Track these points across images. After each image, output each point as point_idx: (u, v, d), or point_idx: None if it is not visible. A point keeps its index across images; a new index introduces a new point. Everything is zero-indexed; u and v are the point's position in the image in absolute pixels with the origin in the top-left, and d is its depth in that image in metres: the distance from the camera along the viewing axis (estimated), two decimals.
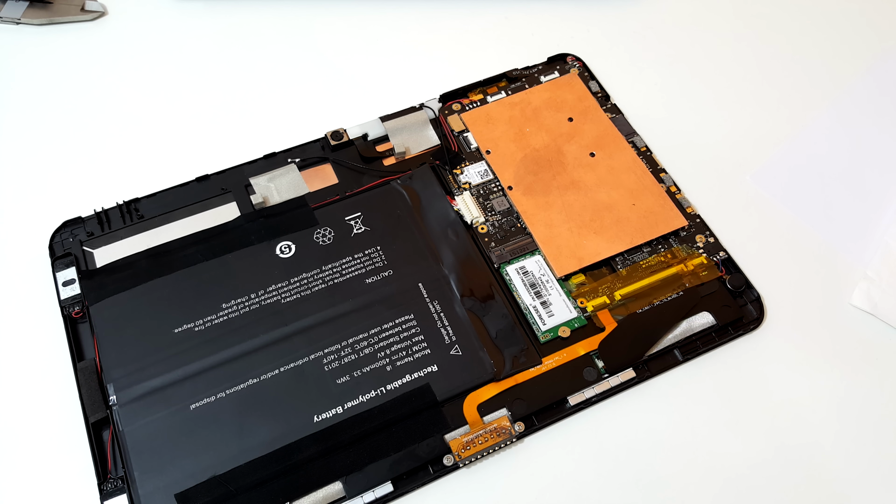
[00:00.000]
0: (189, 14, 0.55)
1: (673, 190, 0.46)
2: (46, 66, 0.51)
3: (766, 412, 0.39)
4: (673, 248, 0.43)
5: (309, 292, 0.40)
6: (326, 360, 0.38)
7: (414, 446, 0.36)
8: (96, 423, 0.37)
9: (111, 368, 0.38)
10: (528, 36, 0.54)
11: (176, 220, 0.44)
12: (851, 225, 0.46)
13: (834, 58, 0.54)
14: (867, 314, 0.42)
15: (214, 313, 0.40)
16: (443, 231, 0.43)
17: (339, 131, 0.47)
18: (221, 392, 0.37)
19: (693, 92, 0.52)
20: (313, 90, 0.51)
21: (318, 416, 0.37)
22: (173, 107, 0.50)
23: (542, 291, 0.41)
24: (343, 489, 0.35)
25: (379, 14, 0.55)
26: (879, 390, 0.40)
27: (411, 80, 0.52)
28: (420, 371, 0.38)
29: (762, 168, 0.48)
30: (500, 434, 0.37)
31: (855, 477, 0.37)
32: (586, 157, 0.46)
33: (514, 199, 0.45)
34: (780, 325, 0.42)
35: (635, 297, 0.41)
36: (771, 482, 0.37)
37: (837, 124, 0.50)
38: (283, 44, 0.53)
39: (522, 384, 0.38)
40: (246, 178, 0.45)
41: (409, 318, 0.40)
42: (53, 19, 0.53)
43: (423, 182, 0.45)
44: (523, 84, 0.50)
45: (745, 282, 0.42)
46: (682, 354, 0.40)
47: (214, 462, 0.35)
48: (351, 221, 0.43)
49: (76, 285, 0.41)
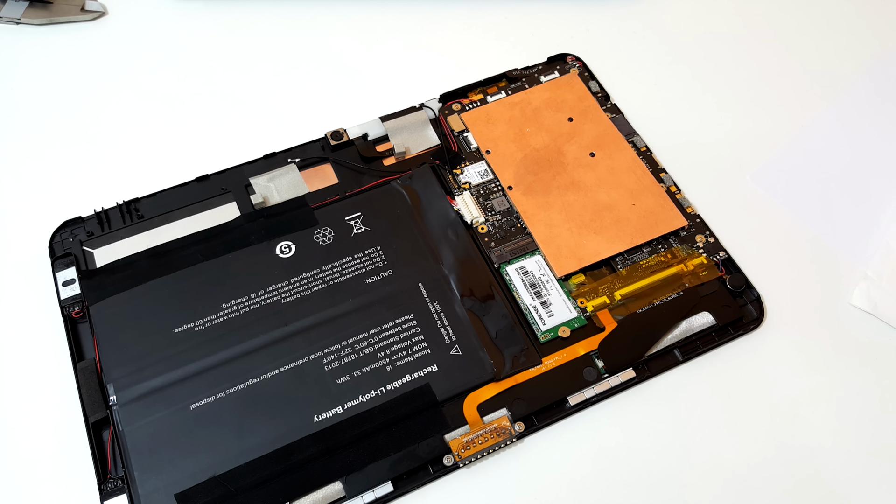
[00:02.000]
0: (189, 14, 0.55)
1: (673, 190, 0.46)
2: (46, 66, 0.51)
3: (766, 412, 0.39)
4: (673, 248, 0.43)
5: (309, 292, 0.40)
6: (326, 360, 0.38)
7: (414, 446, 0.36)
8: (96, 423, 0.37)
9: (111, 368, 0.38)
10: (528, 36, 0.54)
11: (176, 220, 0.44)
12: (851, 225, 0.46)
13: (834, 58, 0.54)
14: (867, 314, 0.42)
15: (214, 313, 0.40)
16: (443, 231, 0.43)
17: (339, 131, 0.47)
18: (221, 392, 0.37)
19: (693, 92, 0.52)
20: (313, 90, 0.51)
21: (318, 416, 0.37)
22: (173, 107, 0.50)
23: (542, 291, 0.41)
24: (343, 489, 0.35)
25: (379, 14, 0.55)
26: (879, 390, 0.40)
27: (411, 80, 0.52)
28: (420, 371, 0.38)
29: (762, 168, 0.48)
30: (500, 434, 0.37)
31: (855, 477, 0.37)
32: (586, 157, 0.46)
33: (514, 199, 0.45)
34: (780, 325, 0.42)
35: (635, 297, 0.41)
36: (771, 482, 0.37)
37: (837, 124, 0.50)
38: (284, 44, 0.53)
39: (522, 384, 0.38)
40: (246, 178, 0.45)
41: (409, 318, 0.40)
42: (53, 19, 0.53)
43: (423, 182, 0.45)
44: (523, 84, 0.50)
45: (745, 282, 0.42)
46: (682, 354, 0.40)
47: (214, 462, 0.35)
48: (351, 221, 0.43)
49: (76, 285, 0.41)
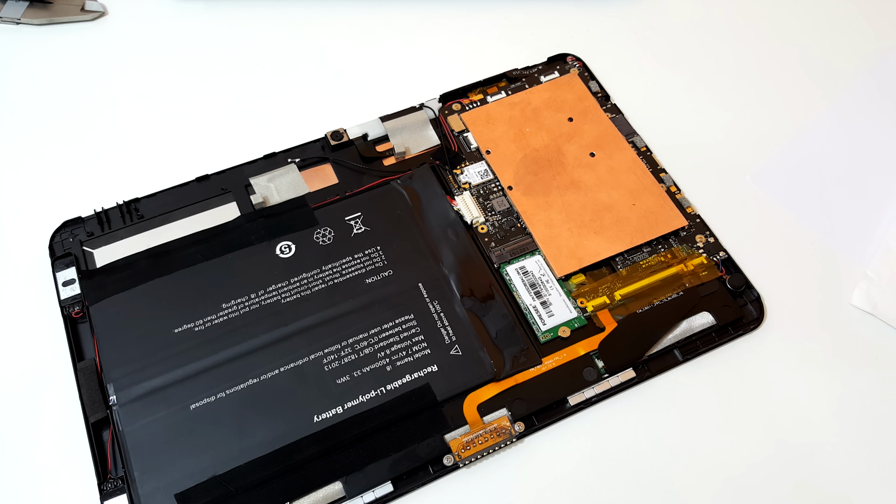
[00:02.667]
0: (189, 14, 0.55)
1: (673, 190, 0.46)
2: (46, 66, 0.51)
3: (766, 412, 0.39)
4: (673, 248, 0.43)
5: (309, 292, 0.40)
6: (326, 360, 0.38)
7: (414, 446, 0.36)
8: (96, 423, 0.37)
9: (111, 368, 0.38)
10: (528, 36, 0.54)
11: (176, 220, 0.44)
12: (851, 225, 0.46)
13: (834, 57, 0.54)
14: (867, 314, 0.42)
15: (214, 313, 0.40)
16: (443, 231, 0.43)
17: (339, 131, 0.47)
18: (221, 392, 0.37)
19: (693, 92, 0.52)
20: (313, 90, 0.51)
21: (318, 416, 0.37)
22: (173, 107, 0.50)
23: (542, 291, 0.41)
24: (343, 489, 0.35)
25: (379, 14, 0.55)
26: (879, 390, 0.40)
27: (411, 80, 0.52)
28: (420, 371, 0.38)
29: (762, 168, 0.48)
30: (500, 434, 0.37)
31: (855, 476, 0.37)
32: (586, 157, 0.46)
33: (514, 199, 0.45)
34: (780, 325, 0.42)
35: (635, 297, 0.41)
36: (770, 482, 0.37)
37: (837, 124, 0.50)
38: (284, 44, 0.53)
39: (522, 384, 0.38)
40: (246, 178, 0.45)
41: (409, 318, 0.40)
42: (53, 19, 0.53)
43: (423, 182, 0.45)
44: (523, 84, 0.50)
45: (745, 282, 0.42)
46: (682, 354, 0.40)
47: (214, 462, 0.35)
48: (351, 221, 0.43)
49: (76, 285, 0.41)
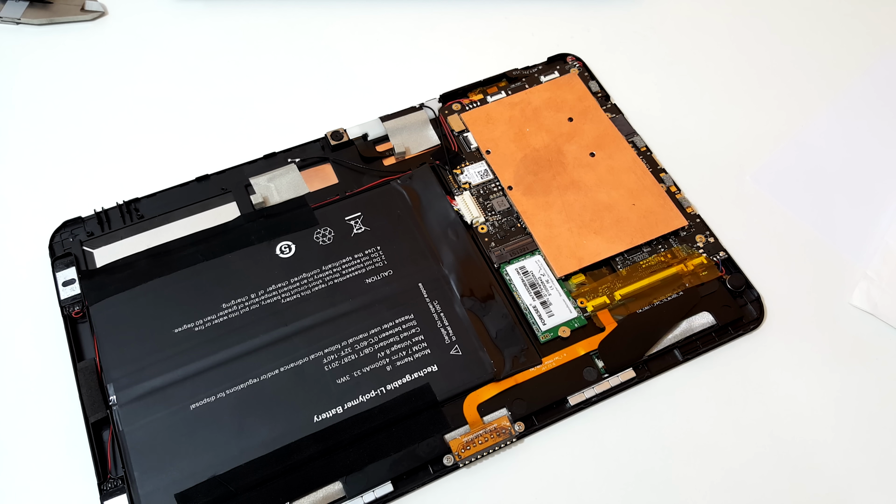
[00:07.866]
0: (189, 14, 0.55)
1: (673, 190, 0.46)
2: (46, 66, 0.51)
3: (766, 412, 0.39)
4: (673, 248, 0.43)
5: (309, 292, 0.40)
6: (326, 360, 0.38)
7: (414, 446, 0.36)
8: (96, 423, 0.37)
9: (111, 368, 0.38)
10: (528, 36, 0.54)
11: (176, 220, 0.44)
12: (851, 225, 0.46)
13: (833, 58, 0.54)
14: (867, 314, 0.42)
15: (214, 313, 0.40)
16: (443, 231, 0.43)
17: (339, 131, 0.47)
18: (221, 392, 0.37)
19: (693, 92, 0.52)
20: (313, 90, 0.51)
21: (318, 416, 0.37)
22: (173, 106, 0.50)
23: (542, 291, 0.41)
24: (343, 489, 0.35)
25: (379, 14, 0.55)
26: (879, 390, 0.40)
27: (411, 80, 0.52)
28: (420, 371, 0.38)
29: (762, 168, 0.48)
30: (500, 434, 0.37)
31: (854, 476, 0.37)
32: (586, 157, 0.46)
33: (514, 199, 0.45)
34: (780, 325, 0.42)
35: (635, 297, 0.41)
36: (771, 481, 0.37)
37: (837, 124, 0.50)
38: (284, 44, 0.53)
39: (522, 384, 0.38)
40: (246, 178, 0.45)
41: (409, 318, 0.40)
42: (53, 19, 0.53)
43: (423, 182, 0.45)
44: (523, 84, 0.50)
45: (745, 282, 0.42)
46: (682, 354, 0.40)
47: (214, 462, 0.35)
48: (351, 221, 0.43)
49: (76, 285, 0.41)
